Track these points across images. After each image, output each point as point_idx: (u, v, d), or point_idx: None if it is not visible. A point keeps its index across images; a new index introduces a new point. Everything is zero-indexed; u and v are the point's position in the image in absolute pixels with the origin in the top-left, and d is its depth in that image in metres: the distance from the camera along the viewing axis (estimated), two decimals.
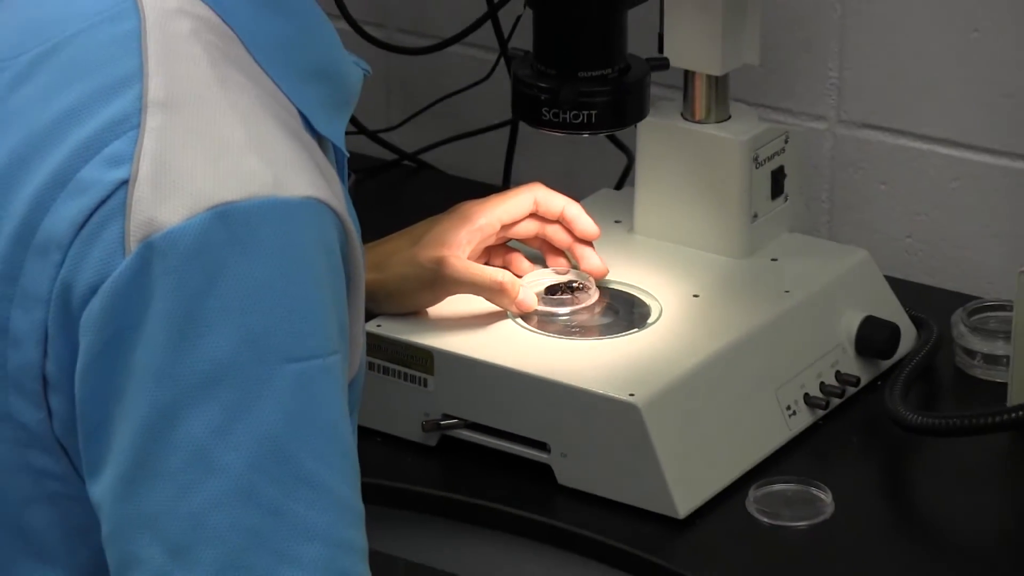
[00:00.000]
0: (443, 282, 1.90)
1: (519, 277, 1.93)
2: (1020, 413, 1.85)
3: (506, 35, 2.26)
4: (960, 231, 2.21)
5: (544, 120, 1.90)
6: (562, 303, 1.93)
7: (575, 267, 1.98)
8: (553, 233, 1.95)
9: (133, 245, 1.39)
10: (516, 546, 1.85)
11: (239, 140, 1.43)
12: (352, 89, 1.59)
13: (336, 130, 1.57)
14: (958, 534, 1.87)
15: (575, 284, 1.94)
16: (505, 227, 1.94)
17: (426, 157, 2.42)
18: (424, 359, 1.88)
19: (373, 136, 2.40)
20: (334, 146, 1.58)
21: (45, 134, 1.45)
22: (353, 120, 2.38)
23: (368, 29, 2.34)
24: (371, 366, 1.87)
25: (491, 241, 1.93)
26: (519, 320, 1.91)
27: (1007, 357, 1.95)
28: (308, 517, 1.42)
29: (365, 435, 1.86)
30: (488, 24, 2.27)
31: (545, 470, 1.85)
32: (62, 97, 1.46)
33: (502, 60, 2.28)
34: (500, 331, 1.91)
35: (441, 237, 1.90)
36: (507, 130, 2.32)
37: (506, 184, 2.34)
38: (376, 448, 1.88)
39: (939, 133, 2.20)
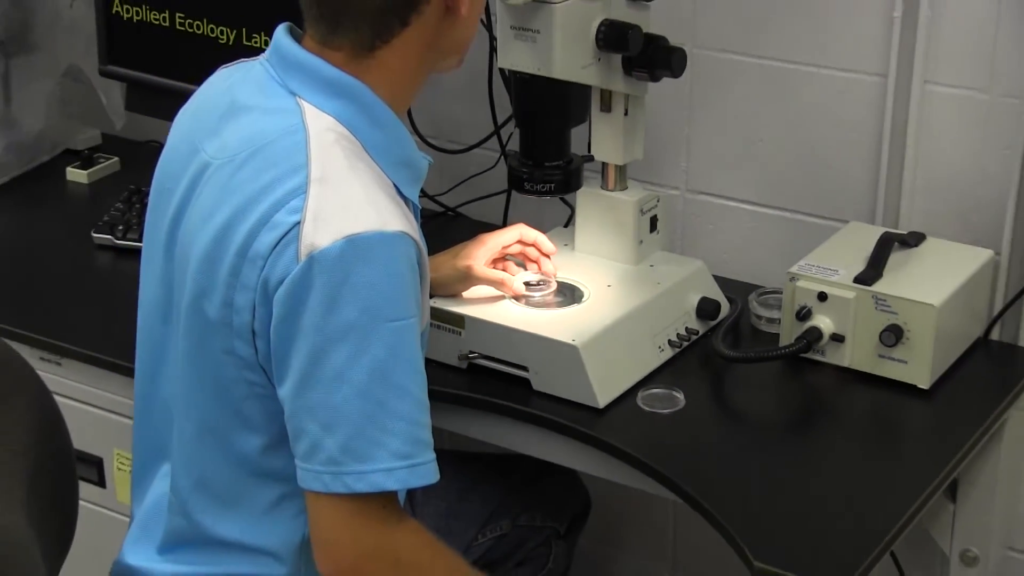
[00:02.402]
0: (470, 280, 1.89)
1: (511, 276, 1.91)
2: (786, 350, 1.88)
3: (504, 143, 2.26)
4: (754, 251, 2.20)
5: (525, 189, 1.92)
6: (536, 290, 1.92)
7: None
8: (529, 251, 1.94)
9: (302, 258, 1.41)
10: (508, 423, 1.86)
11: (361, 199, 1.45)
12: (422, 171, 1.60)
13: (413, 195, 1.58)
14: (752, 416, 1.90)
15: (543, 280, 1.93)
16: (504, 248, 1.92)
17: (460, 210, 2.40)
18: (459, 320, 1.87)
19: (432, 198, 2.38)
20: (412, 204, 1.58)
21: (255, 197, 1.47)
22: (424, 190, 2.39)
23: (429, 140, 2.33)
24: (432, 323, 1.86)
25: (496, 255, 1.92)
26: (512, 300, 1.91)
27: (779, 320, 1.96)
28: (399, 407, 1.44)
29: (428, 362, 1.87)
30: (495, 137, 2.27)
31: (526, 381, 1.85)
32: (264, 176, 1.47)
33: (503, 157, 2.28)
34: (501, 305, 1.90)
35: (468, 253, 1.89)
36: (505, 195, 2.30)
37: (504, 224, 2.31)
38: (433, 368, 1.82)
39: (742, 196, 2.19)
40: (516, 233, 1.94)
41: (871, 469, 1.74)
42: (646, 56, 1.84)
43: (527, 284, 1.92)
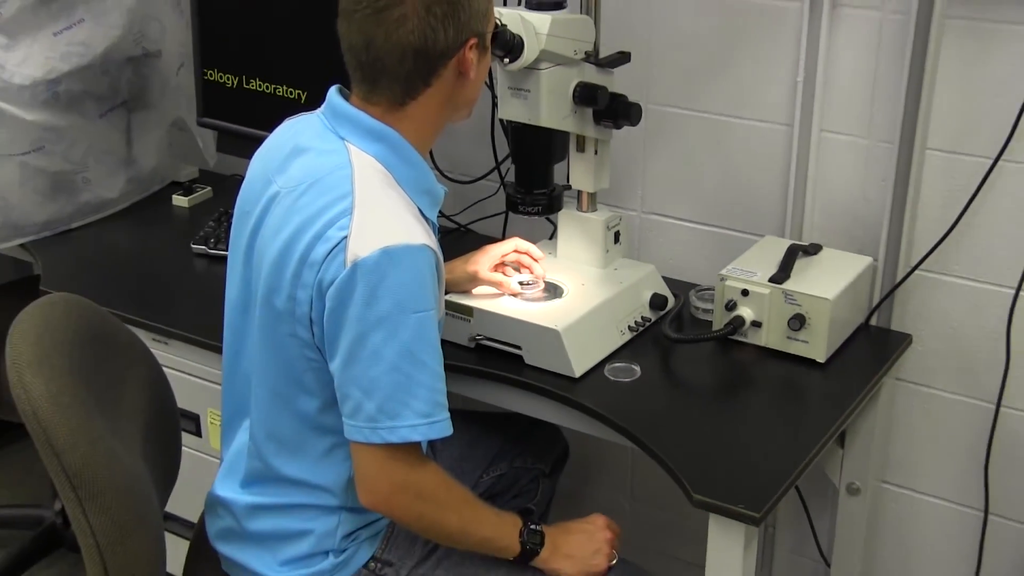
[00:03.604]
0: (477, 281, 1.88)
1: (508, 277, 1.90)
2: (717, 333, 1.87)
3: (503, 175, 2.25)
4: (693, 257, 2.19)
5: (519, 211, 1.90)
6: (528, 288, 1.90)
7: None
8: (523, 258, 1.93)
9: (348, 264, 1.40)
10: (506, 389, 1.84)
11: (393, 219, 1.44)
12: (440, 198, 1.59)
13: (433, 216, 1.57)
14: (692, 383, 1.87)
15: (533, 280, 1.91)
16: (503, 255, 1.91)
17: (470, 227, 2.38)
18: (469, 310, 1.86)
19: (448, 217, 2.37)
20: (432, 223, 1.57)
21: (312, 217, 1.46)
22: (441, 211, 2.37)
23: (446, 173, 2.33)
24: (448, 313, 1.85)
25: (497, 261, 1.91)
26: (510, 295, 1.89)
27: (712, 310, 1.95)
28: (421, 378, 1.43)
29: (445, 342, 1.86)
30: (496, 171, 2.26)
31: (520, 357, 1.83)
32: (319, 201, 1.46)
33: (502, 187, 2.27)
34: (501, 299, 1.89)
35: (475, 260, 1.88)
36: (504, 215, 2.29)
37: (503, 237, 2.29)
38: (449, 348, 1.83)
39: (684, 216, 2.18)
40: (513, 244, 1.93)
41: (781, 423, 1.73)
42: (611, 110, 1.84)
43: (521, 284, 1.90)
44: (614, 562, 1.65)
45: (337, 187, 1.46)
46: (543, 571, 1.62)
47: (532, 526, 1.59)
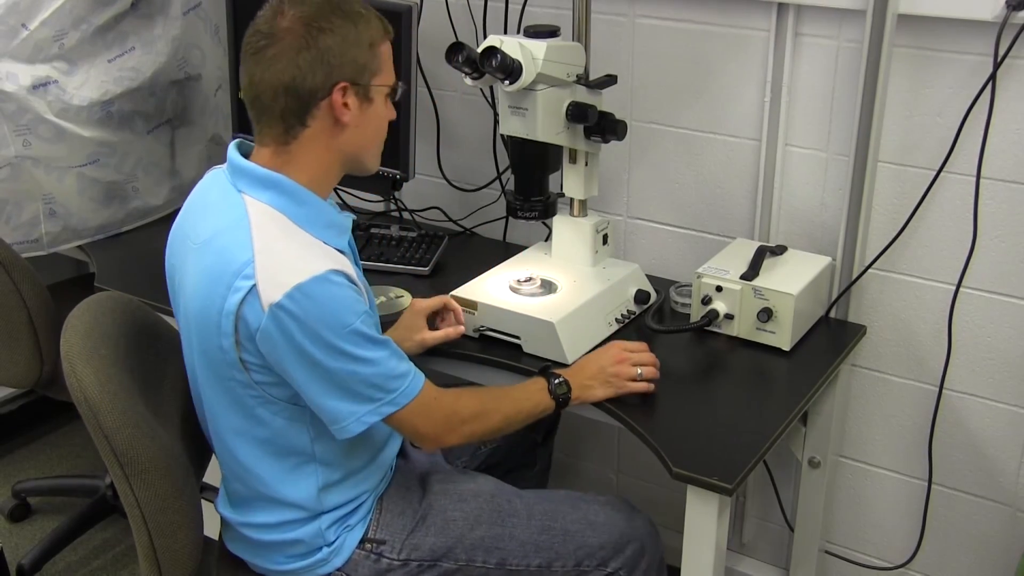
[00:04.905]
0: (426, 345, 1.78)
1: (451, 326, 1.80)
2: (694, 325, 1.84)
3: (504, 184, 2.22)
4: (673, 257, 2.16)
5: (518, 216, 1.86)
6: (525, 285, 1.86)
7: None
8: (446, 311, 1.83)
9: (265, 310, 1.34)
10: (507, 374, 1.80)
11: (293, 258, 1.37)
12: (345, 227, 1.50)
13: (342, 244, 1.48)
14: (672, 369, 1.82)
15: (530, 278, 1.87)
16: (432, 308, 1.80)
17: (475, 230, 2.34)
18: (474, 305, 1.83)
19: (455, 222, 2.34)
20: (345, 250, 1.48)
21: (220, 270, 1.39)
22: (448, 216, 2.34)
23: (454, 183, 2.30)
24: None
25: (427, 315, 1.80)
26: (509, 290, 1.84)
27: (690, 304, 1.92)
28: (379, 365, 1.40)
29: None
30: (497, 180, 2.23)
31: (518, 346, 1.80)
32: (223, 255, 1.39)
33: (503, 194, 2.24)
34: (503, 294, 1.85)
35: (414, 329, 1.78)
36: (504, 220, 2.26)
37: (505, 239, 2.28)
38: (460, 339, 1.83)
39: (665, 220, 2.15)
40: (443, 299, 1.82)
41: (751, 405, 1.70)
42: (600, 126, 1.81)
43: (518, 281, 1.87)
44: (642, 372, 1.66)
45: (237, 239, 1.39)
46: (519, 505, 1.62)
47: (555, 380, 1.62)
